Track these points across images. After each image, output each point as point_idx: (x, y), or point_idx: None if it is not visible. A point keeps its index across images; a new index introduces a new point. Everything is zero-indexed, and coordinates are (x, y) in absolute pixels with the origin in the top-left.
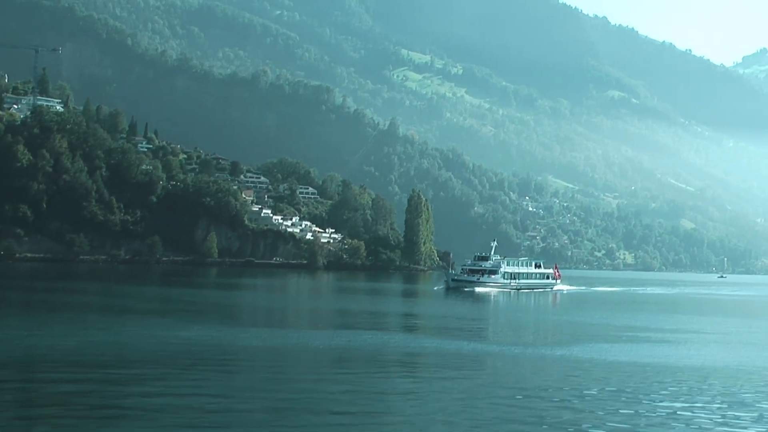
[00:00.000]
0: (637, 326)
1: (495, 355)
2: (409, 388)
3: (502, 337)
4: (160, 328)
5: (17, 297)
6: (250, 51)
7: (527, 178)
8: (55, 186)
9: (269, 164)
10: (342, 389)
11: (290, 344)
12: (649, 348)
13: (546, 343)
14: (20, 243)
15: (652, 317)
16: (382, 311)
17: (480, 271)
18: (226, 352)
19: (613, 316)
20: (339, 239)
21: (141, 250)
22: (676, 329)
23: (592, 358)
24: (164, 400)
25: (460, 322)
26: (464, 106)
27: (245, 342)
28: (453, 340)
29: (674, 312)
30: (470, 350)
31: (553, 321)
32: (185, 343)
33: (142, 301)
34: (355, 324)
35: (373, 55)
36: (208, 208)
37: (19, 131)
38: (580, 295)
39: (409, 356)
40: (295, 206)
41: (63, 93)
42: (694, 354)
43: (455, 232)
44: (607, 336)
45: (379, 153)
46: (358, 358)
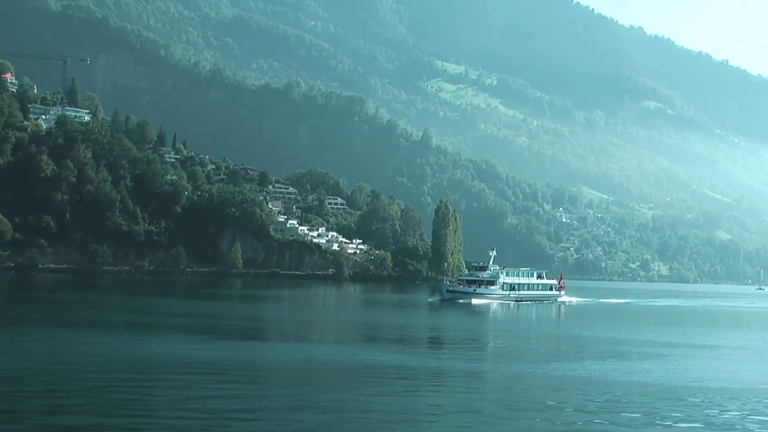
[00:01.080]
0: (633, 340)
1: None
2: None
3: (492, 353)
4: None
5: (35, 310)
6: (284, 62)
7: (561, 189)
8: (79, 196)
9: (298, 175)
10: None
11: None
12: (628, 364)
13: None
14: (43, 254)
15: (651, 331)
16: (363, 322)
17: (477, 282)
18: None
19: (609, 329)
20: (365, 250)
21: (165, 260)
22: (670, 343)
23: (570, 375)
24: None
25: (447, 337)
26: (498, 117)
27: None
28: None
29: (678, 325)
30: (461, 369)
31: (548, 334)
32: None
33: (166, 316)
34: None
35: (408, 66)
36: (234, 219)
37: (43, 141)
38: (585, 308)
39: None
40: (323, 217)
41: (92, 103)
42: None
43: (488, 243)
44: (597, 351)
45: (412, 164)
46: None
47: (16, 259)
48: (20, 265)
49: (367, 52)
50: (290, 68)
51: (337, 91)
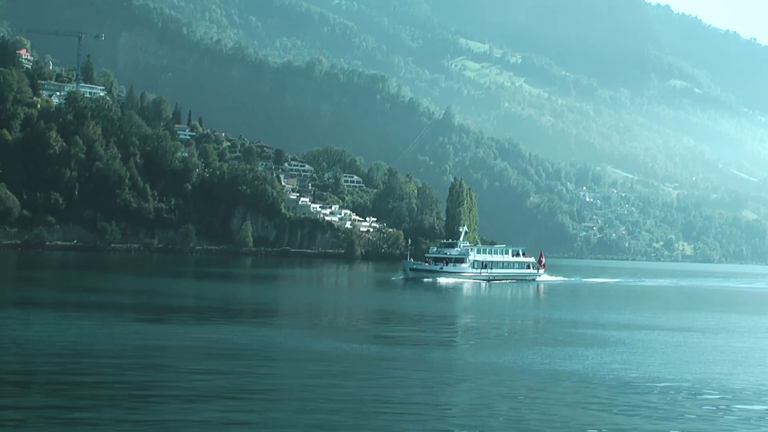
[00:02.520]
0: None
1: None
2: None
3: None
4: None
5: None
6: (307, 40)
7: (585, 168)
8: (88, 173)
9: (315, 152)
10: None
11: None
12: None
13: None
14: (51, 231)
15: (614, 312)
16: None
17: (444, 260)
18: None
19: (577, 310)
20: (378, 228)
21: (175, 238)
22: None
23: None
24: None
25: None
26: (523, 96)
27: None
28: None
29: (655, 307)
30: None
31: (504, 316)
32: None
33: (175, 297)
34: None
35: (432, 44)
36: (245, 197)
37: (52, 118)
38: (562, 288)
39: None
40: (339, 195)
41: (107, 80)
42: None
43: (510, 222)
44: (546, 335)
45: (433, 142)
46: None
47: (24, 236)
48: (28, 243)
49: (391, 30)
50: (313, 46)
51: (360, 69)
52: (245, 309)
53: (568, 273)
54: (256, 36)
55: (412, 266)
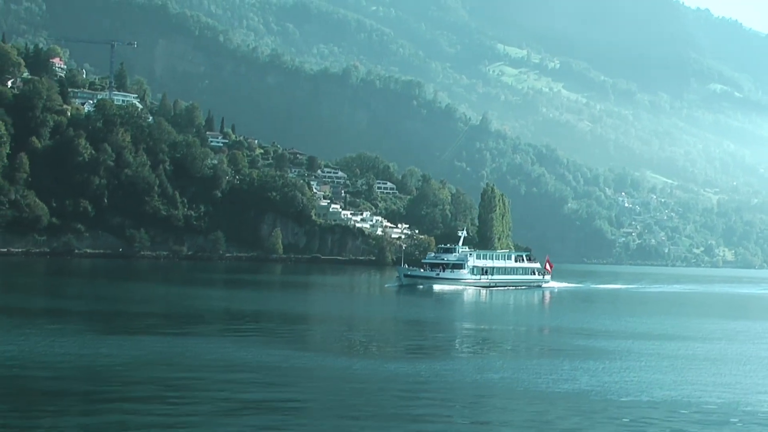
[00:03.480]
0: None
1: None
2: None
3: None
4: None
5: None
6: (344, 47)
7: (623, 173)
8: (117, 180)
9: (348, 159)
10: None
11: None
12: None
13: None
14: (80, 239)
15: (612, 320)
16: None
17: (441, 265)
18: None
19: (581, 318)
20: (409, 234)
21: (204, 245)
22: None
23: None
24: None
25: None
26: (561, 101)
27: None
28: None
29: (664, 314)
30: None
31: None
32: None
33: (202, 310)
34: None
35: (469, 50)
36: (274, 203)
37: (82, 125)
38: (569, 294)
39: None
40: (372, 201)
41: (140, 88)
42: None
43: (548, 228)
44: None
45: (470, 148)
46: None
47: (52, 244)
48: (56, 251)
49: (428, 36)
50: (350, 53)
51: (396, 75)
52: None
53: (581, 278)
54: (294, 43)
55: (407, 272)
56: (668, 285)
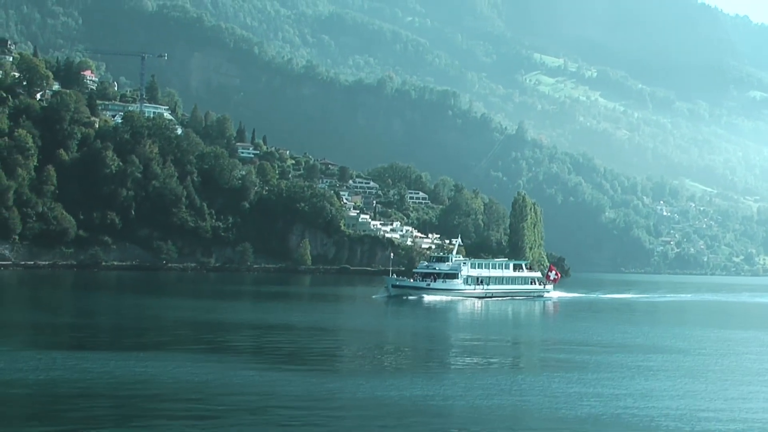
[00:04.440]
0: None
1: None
2: None
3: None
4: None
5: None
6: (380, 58)
7: (662, 182)
8: (144, 192)
9: (380, 169)
10: None
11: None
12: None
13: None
14: (108, 251)
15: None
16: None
17: (432, 275)
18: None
19: (577, 329)
20: (439, 244)
21: (232, 257)
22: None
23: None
24: None
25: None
26: (598, 110)
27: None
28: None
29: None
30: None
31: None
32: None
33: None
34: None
35: (505, 59)
36: (303, 214)
37: (109, 137)
38: (572, 305)
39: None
40: (404, 212)
41: (171, 100)
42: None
43: (585, 238)
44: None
45: (506, 158)
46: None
47: (80, 256)
48: (83, 263)
49: (464, 46)
50: (386, 64)
51: (432, 85)
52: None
53: (591, 288)
54: (329, 54)
55: (394, 282)
56: (680, 294)
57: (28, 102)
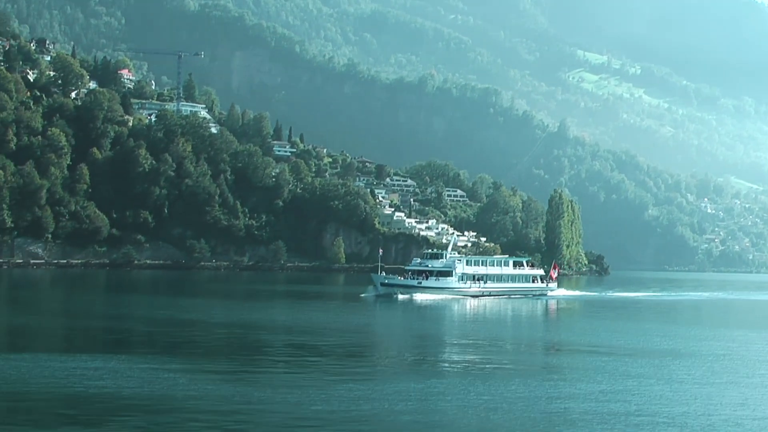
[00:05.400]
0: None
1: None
2: None
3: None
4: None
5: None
6: (422, 56)
7: (706, 179)
8: (177, 191)
9: (417, 167)
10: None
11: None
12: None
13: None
14: (140, 250)
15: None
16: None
17: (424, 273)
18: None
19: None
20: (474, 242)
21: (265, 256)
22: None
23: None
24: None
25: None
26: (642, 107)
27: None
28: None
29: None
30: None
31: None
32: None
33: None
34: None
35: (548, 57)
36: (337, 212)
37: (142, 135)
38: (573, 304)
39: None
40: (441, 209)
41: (208, 99)
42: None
43: (628, 235)
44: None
45: (548, 156)
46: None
47: (112, 255)
48: (116, 262)
49: (507, 44)
50: (428, 62)
51: (473, 83)
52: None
53: (604, 287)
54: (371, 53)
55: (383, 281)
56: (692, 292)
57: (62, 101)
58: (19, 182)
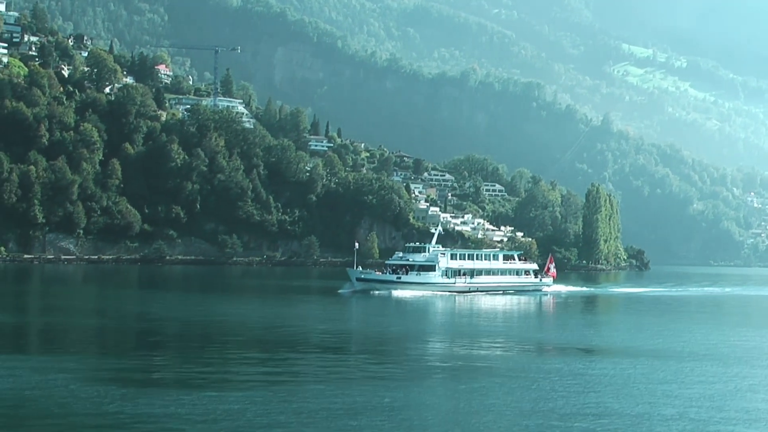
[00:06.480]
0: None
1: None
2: None
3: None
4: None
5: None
6: (465, 50)
7: (752, 173)
8: (210, 186)
9: (456, 161)
10: None
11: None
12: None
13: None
14: (172, 245)
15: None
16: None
17: (405, 267)
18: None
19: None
20: (510, 237)
21: (298, 250)
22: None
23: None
24: None
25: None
26: (687, 100)
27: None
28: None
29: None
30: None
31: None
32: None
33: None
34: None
35: (593, 50)
36: (370, 207)
37: (175, 131)
38: (570, 300)
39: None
40: (479, 204)
41: (246, 94)
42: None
43: (672, 230)
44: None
45: (592, 150)
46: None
47: (144, 250)
48: (147, 257)
49: (551, 38)
50: (471, 56)
51: (516, 77)
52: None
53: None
54: (414, 47)
55: (359, 275)
56: (698, 287)
57: (95, 96)
58: (50, 178)
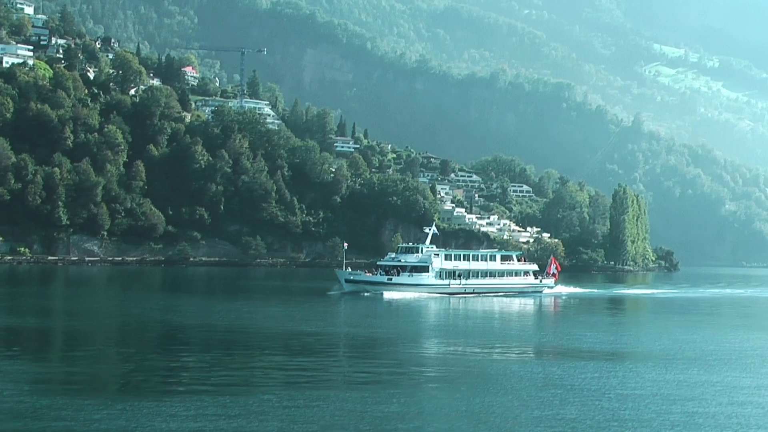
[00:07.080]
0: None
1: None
2: None
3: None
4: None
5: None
6: (496, 51)
7: None
8: (234, 187)
9: (483, 162)
10: None
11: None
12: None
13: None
14: (196, 246)
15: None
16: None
17: (397, 268)
18: None
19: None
20: (536, 238)
21: (323, 252)
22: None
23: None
24: None
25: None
26: (720, 101)
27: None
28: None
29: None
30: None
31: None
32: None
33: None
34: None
35: (624, 51)
36: (395, 208)
37: (199, 132)
38: (571, 302)
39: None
40: (506, 205)
41: (272, 95)
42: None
43: (704, 231)
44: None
45: (622, 150)
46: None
47: (168, 252)
48: (171, 259)
49: (582, 38)
50: (501, 57)
51: (546, 78)
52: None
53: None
54: (444, 48)
55: (348, 277)
56: (704, 289)
57: (120, 98)
58: (75, 179)
